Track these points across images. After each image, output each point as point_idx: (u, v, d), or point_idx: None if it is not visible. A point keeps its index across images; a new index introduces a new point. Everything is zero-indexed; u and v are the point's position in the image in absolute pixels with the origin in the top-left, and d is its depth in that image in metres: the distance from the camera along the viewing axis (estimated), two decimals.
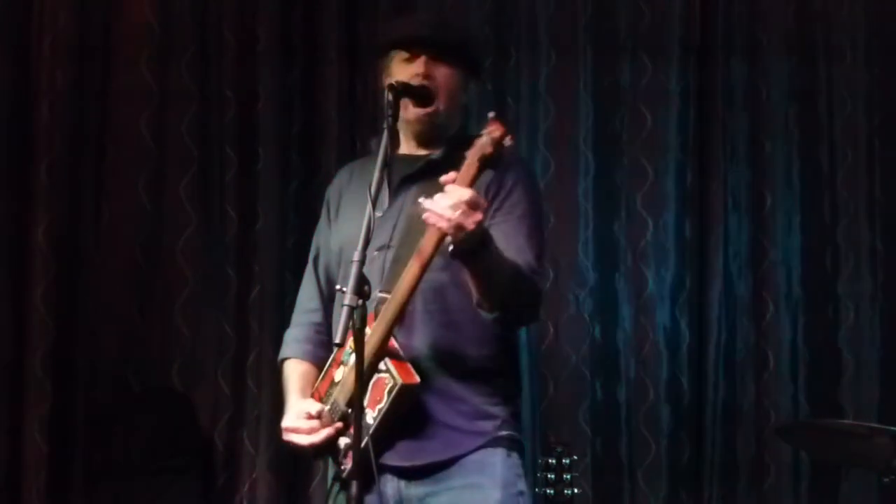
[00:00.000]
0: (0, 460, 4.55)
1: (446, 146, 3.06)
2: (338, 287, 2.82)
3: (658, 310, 4.97)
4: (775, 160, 5.07)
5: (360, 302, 2.60)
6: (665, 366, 4.94)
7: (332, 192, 3.27)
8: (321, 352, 3.15)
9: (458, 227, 2.69)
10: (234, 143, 4.84)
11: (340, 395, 2.93)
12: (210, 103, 4.86)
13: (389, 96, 2.88)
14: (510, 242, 2.91)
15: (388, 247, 2.99)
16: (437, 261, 2.85)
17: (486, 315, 2.92)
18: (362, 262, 2.65)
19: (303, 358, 3.18)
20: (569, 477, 3.88)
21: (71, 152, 4.70)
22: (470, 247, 2.74)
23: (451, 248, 2.76)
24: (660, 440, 4.91)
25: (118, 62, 4.81)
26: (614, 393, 4.93)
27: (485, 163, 2.74)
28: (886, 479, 3.75)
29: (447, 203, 2.68)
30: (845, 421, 4.80)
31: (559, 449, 3.90)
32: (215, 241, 4.83)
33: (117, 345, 4.74)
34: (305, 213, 4.85)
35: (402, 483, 2.93)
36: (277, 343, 4.67)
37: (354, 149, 4.90)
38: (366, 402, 2.86)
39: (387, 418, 2.85)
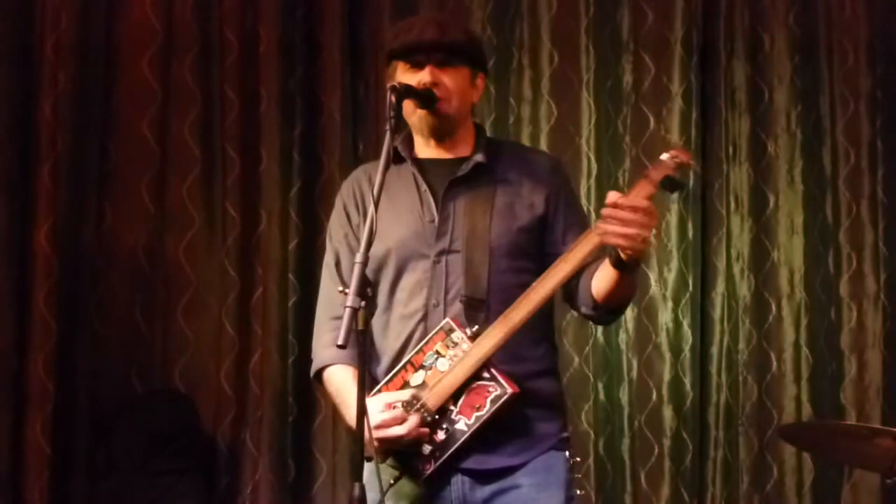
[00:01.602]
0: (2, 461, 4.54)
1: (485, 149, 3.09)
2: (339, 288, 2.82)
3: (660, 311, 4.97)
4: (778, 161, 5.07)
5: (362, 303, 2.60)
6: (667, 367, 4.94)
7: (351, 195, 3.20)
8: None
9: (640, 241, 2.79)
10: (237, 144, 4.84)
11: (430, 401, 2.91)
12: (212, 104, 4.86)
13: (391, 98, 2.88)
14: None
15: (450, 251, 3.00)
16: (504, 262, 2.94)
17: (596, 319, 3.09)
18: (365, 263, 2.66)
19: (349, 363, 3.05)
20: (571, 478, 3.87)
21: (73, 153, 4.69)
22: (638, 258, 2.86)
23: (614, 256, 2.85)
24: (662, 441, 4.91)
25: (120, 63, 4.81)
26: (617, 394, 4.94)
27: (665, 184, 2.84)
28: (889, 481, 3.75)
29: (626, 217, 2.76)
30: (848, 422, 4.81)
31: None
32: (218, 243, 4.83)
33: (120, 346, 4.73)
34: (308, 215, 4.86)
35: (468, 486, 2.94)
36: (280, 344, 4.76)
37: (357, 150, 4.91)
38: (455, 409, 2.88)
39: (484, 426, 2.87)
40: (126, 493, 4.51)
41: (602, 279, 2.94)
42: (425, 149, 3.13)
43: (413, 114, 3.06)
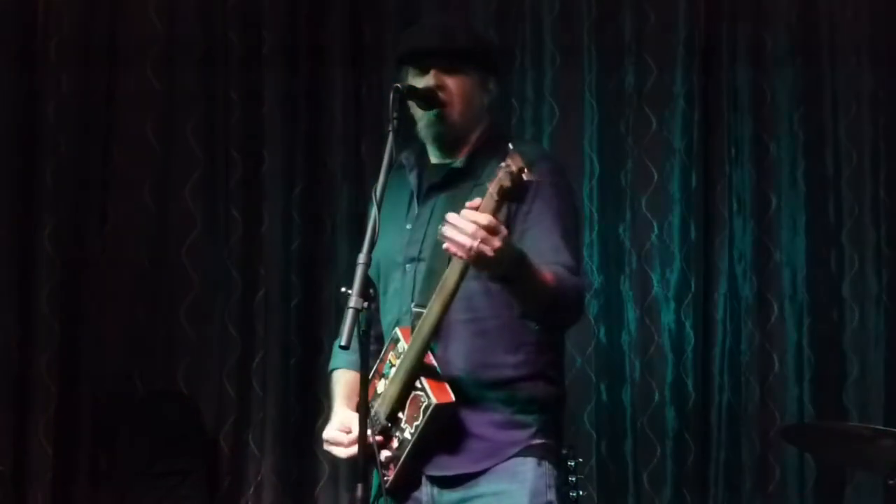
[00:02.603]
0: (5, 463, 4.55)
1: (469, 153, 3.05)
2: (342, 289, 2.83)
3: (663, 312, 4.97)
4: (780, 162, 5.07)
5: (365, 304, 2.60)
6: (670, 368, 4.94)
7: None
8: (370, 361, 3.02)
9: (479, 256, 2.63)
10: (240, 145, 4.85)
11: (381, 409, 2.92)
12: (215, 106, 4.86)
13: (394, 99, 2.88)
14: (545, 242, 2.86)
15: (419, 259, 2.97)
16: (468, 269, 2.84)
17: (531, 324, 2.92)
18: (367, 264, 2.66)
19: (349, 368, 3.13)
20: (574, 479, 3.87)
21: (76, 155, 4.71)
22: (499, 273, 2.71)
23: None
24: (665, 442, 4.91)
25: (123, 65, 4.82)
26: (619, 395, 4.94)
27: (504, 196, 2.67)
28: (891, 482, 3.75)
29: (466, 229, 2.61)
30: (850, 423, 4.81)
31: (564, 451, 3.90)
32: (220, 244, 4.83)
33: (122, 347, 4.74)
34: (310, 216, 4.86)
35: (436, 490, 2.94)
36: (282, 346, 4.77)
37: (360, 151, 4.91)
38: (403, 418, 2.88)
39: (423, 435, 2.86)
40: (129, 495, 4.52)
41: None
42: (433, 154, 3.12)
43: (420, 118, 3.04)
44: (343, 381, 3.14)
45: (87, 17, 4.76)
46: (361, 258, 2.66)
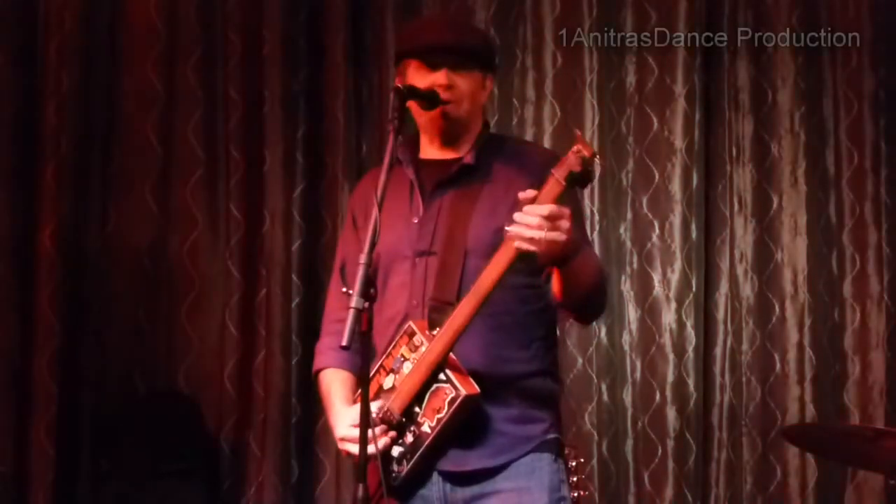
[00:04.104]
0: (7, 463, 4.55)
1: (477, 148, 3.07)
2: (344, 289, 2.83)
3: (664, 312, 4.97)
4: (781, 162, 5.08)
5: (366, 305, 2.61)
6: (671, 368, 4.94)
7: (356, 201, 3.24)
8: (358, 359, 2.97)
9: (551, 244, 2.70)
10: (240, 145, 4.84)
11: (395, 404, 2.92)
12: (216, 106, 4.86)
13: (395, 100, 2.88)
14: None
15: (430, 253, 2.98)
16: (483, 263, 2.86)
17: (576, 318, 3.05)
18: (368, 264, 2.66)
19: (341, 366, 3.14)
20: (575, 479, 3.87)
21: (77, 155, 4.70)
22: (563, 256, 2.77)
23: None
24: (666, 442, 4.91)
25: (124, 65, 4.81)
26: (620, 395, 4.94)
27: (572, 181, 2.73)
28: (893, 482, 3.75)
29: (532, 223, 2.68)
30: (851, 423, 4.81)
31: (565, 451, 3.90)
32: (221, 244, 4.83)
33: (123, 347, 4.74)
34: (311, 216, 4.86)
35: (448, 486, 2.94)
36: (283, 345, 4.77)
37: (360, 151, 4.91)
38: (420, 412, 2.88)
39: (446, 428, 2.87)
40: (130, 496, 4.51)
41: (552, 279, 2.92)
42: (430, 149, 3.13)
43: (422, 115, 3.05)
44: (339, 380, 3.13)
45: (87, 16, 4.76)
46: (362, 258, 2.66)
